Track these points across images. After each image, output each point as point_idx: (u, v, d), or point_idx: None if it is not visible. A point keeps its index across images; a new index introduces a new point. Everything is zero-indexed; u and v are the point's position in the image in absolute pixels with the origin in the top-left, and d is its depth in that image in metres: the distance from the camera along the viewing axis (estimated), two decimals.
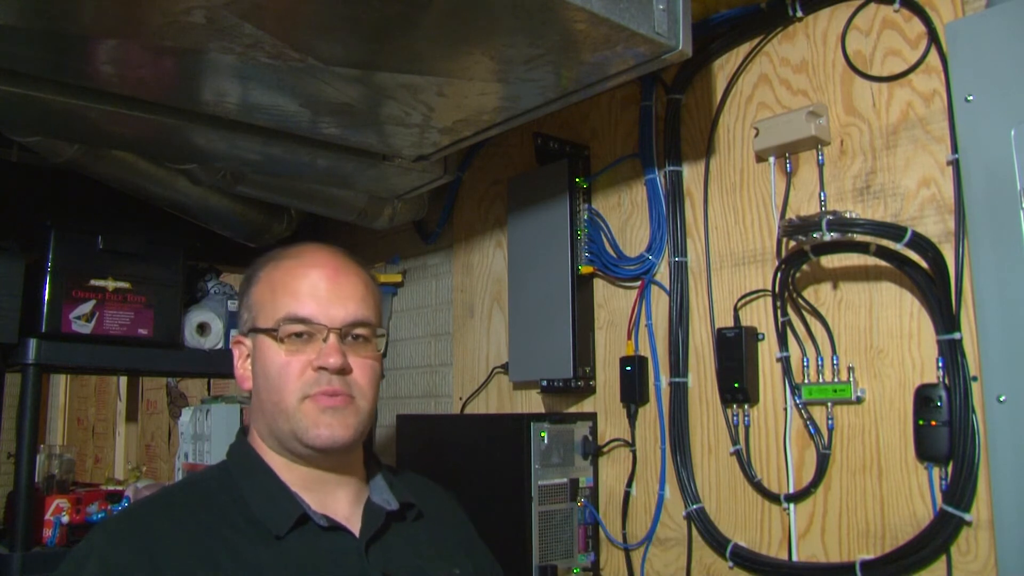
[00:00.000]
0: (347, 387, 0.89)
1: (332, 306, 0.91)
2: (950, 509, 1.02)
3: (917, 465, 1.08)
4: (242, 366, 0.95)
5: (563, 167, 1.52)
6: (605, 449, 1.48)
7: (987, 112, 0.96)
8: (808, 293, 1.22)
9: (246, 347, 0.94)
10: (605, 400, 1.50)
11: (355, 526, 0.90)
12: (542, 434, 1.43)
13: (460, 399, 1.82)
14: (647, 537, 1.39)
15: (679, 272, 1.38)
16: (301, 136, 1.38)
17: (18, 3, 0.91)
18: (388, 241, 2.12)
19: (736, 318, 1.31)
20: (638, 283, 1.45)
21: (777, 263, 1.25)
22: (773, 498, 1.23)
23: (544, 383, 1.48)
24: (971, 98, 0.98)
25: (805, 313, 1.22)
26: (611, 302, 1.51)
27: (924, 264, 1.06)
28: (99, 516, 1.52)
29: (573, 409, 1.54)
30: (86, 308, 1.50)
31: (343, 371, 0.89)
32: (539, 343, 1.53)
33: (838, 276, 1.19)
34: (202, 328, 1.68)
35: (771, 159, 1.27)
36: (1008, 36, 0.96)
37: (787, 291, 1.23)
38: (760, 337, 1.28)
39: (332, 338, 0.89)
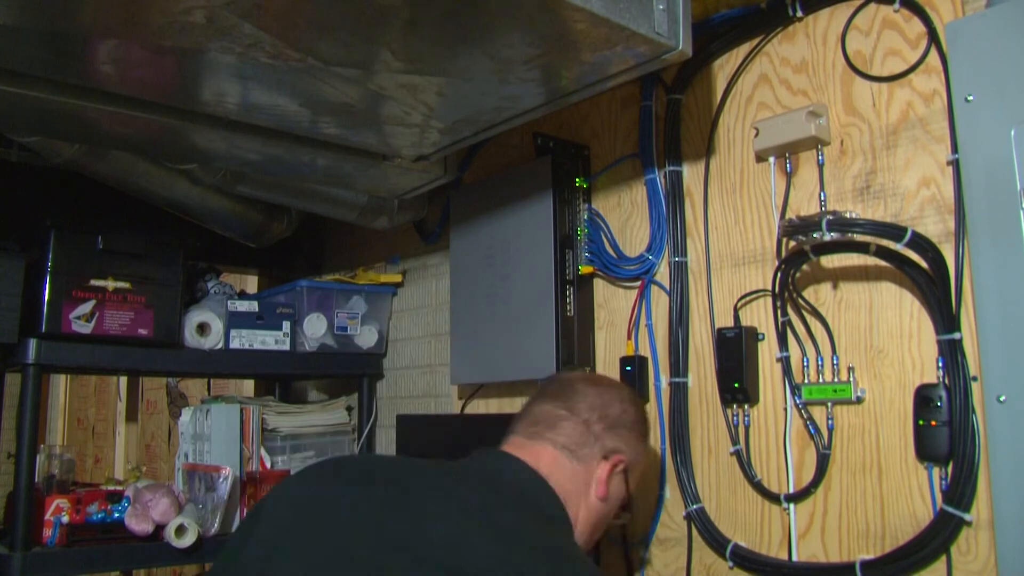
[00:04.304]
0: None
1: None
2: (950, 509, 1.02)
3: (917, 465, 1.08)
4: (613, 484, 1.08)
5: (546, 163, 1.51)
6: None
7: (987, 112, 0.96)
8: (808, 293, 1.22)
9: (620, 465, 1.09)
10: None
11: None
12: None
13: (460, 399, 1.82)
14: (647, 537, 1.39)
15: (679, 272, 1.38)
16: (301, 136, 1.38)
17: (18, 3, 0.91)
18: (388, 241, 2.12)
19: (736, 318, 1.31)
20: (638, 283, 1.45)
21: (777, 263, 1.25)
22: (773, 498, 1.23)
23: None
24: (971, 98, 0.98)
25: (805, 313, 1.22)
26: (611, 302, 1.51)
27: (924, 264, 1.06)
28: (99, 516, 1.52)
29: None
30: (86, 308, 1.50)
31: None
32: (521, 342, 1.52)
33: (838, 276, 1.19)
34: (202, 328, 1.68)
35: (771, 159, 1.27)
36: (1008, 36, 0.96)
37: (787, 291, 1.23)
38: (760, 337, 1.28)
39: None
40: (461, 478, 0.98)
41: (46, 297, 1.46)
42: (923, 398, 1.05)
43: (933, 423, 1.04)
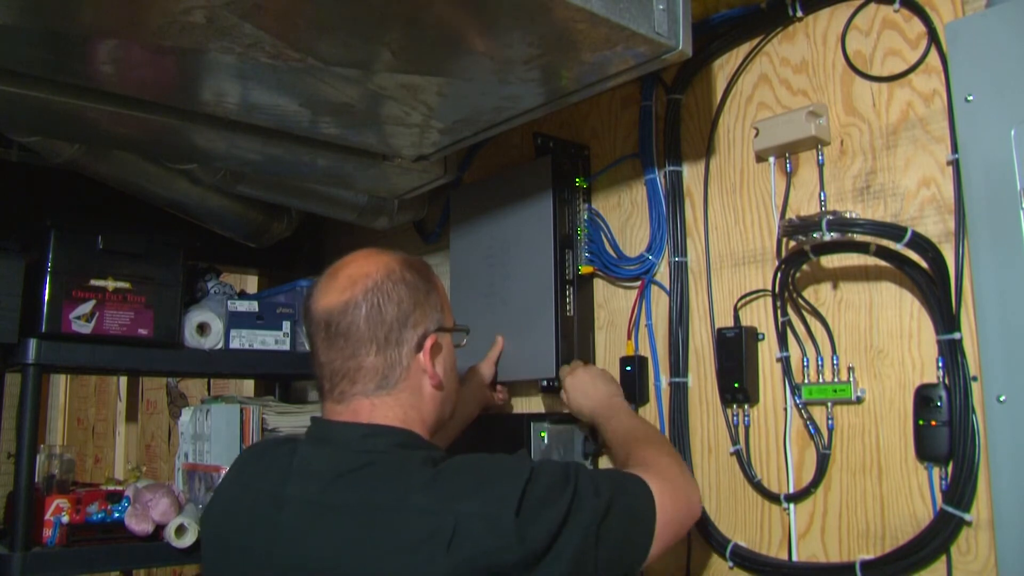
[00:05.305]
0: None
1: None
2: (950, 509, 1.02)
3: (917, 465, 1.08)
4: (439, 364, 1.05)
5: (546, 163, 1.51)
6: (605, 449, 1.48)
7: (987, 112, 0.96)
8: (808, 293, 1.22)
9: (431, 341, 1.03)
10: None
11: None
12: (542, 434, 1.43)
13: None
14: None
15: (679, 272, 1.38)
16: (301, 136, 1.38)
17: (18, 3, 0.91)
18: (388, 241, 2.12)
19: (736, 318, 1.31)
20: (638, 283, 1.45)
21: (777, 263, 1.25)
22: (773, 498, 1.23)
23: (544, 383, 1.48)
24: (971, 98, 0.98)
25: (805, 313, 1.22)
26: (611, 302, 1.51)
27: (924, 264, 1.06)
28: (99, 516, 1.52)
29: None
30: (86, 308, 1.50)
31: None
32: (524, 341, 1.52)
33: (838, 276, 1.19)
34: (202, 328, 1.68)
35: (771, 159, 1.27)
36: (1008, 36, 0.96)
37: (787, 291, 1.23)
38: (760, 337, 1.28)
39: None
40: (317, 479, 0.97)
41: (46, 297, 1.46)
42: (923, 398, 1.05)
43: (933, 423, 1.04)
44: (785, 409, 1.22)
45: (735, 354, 1.26)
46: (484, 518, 0.85)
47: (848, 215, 1.12)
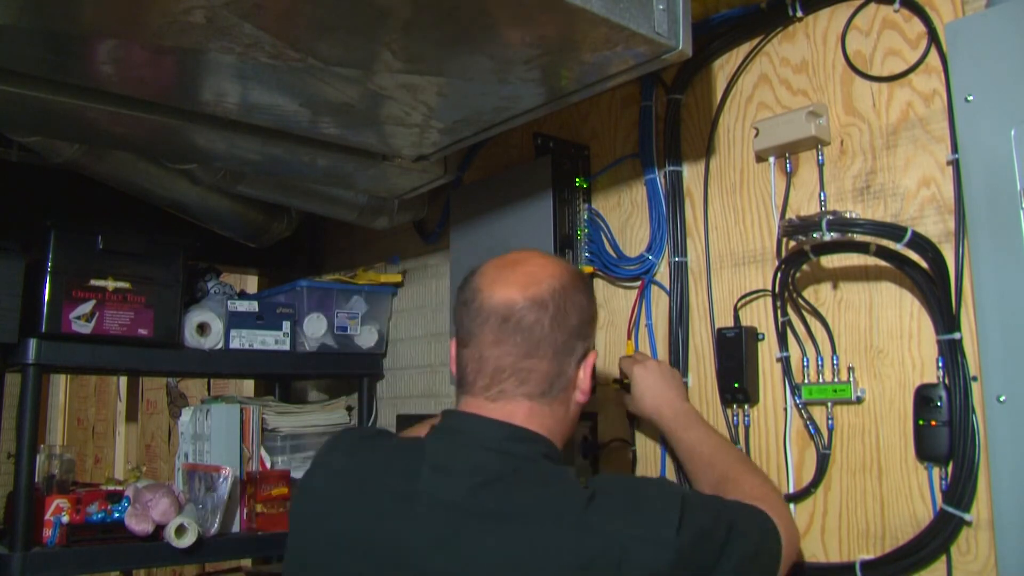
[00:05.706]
0: None
1: None
2: (950, 509, 1.02)
3: (917, 465, 1.08)
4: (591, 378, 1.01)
5: (546, 163, 1.51)
6: (605, 449, 1.48)
7: (987, 112, 0.96)
8: (808, 293, 1.22)
9: (594, 359, 1.01)
10: (605, 400, 1.50)
11: None
12: None
13: None
14: None
15: (679, 272, 1.38)
16: (301, 136, 1.38)
17: (18, 3, 0.91)
18: (388, 241, 2.12)
19: (736, 318, 1.31)
20: (638, 283, 1.45)
21: (777, 263, 1.25)
22: None
23: None
24: (971, 98, 0.98)
25: (805, 313, 1.22)
26: (611, 302, 1.51)
27: (924, 264, 1.06)
28: (99, 516, 1.52)
29: None
30: (86, 308, 1.50)
31: None
32: None
33: (838, 276, 1.19)
34: (202, 328, 1.68)
35: (771, 159, 1.27)
36: (1008, 36, 0.96)
37: (787, 291, 1.23)
38: (760, 337, 1.28)
39: None
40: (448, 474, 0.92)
41: (46, 297, 1.46)
42: (923, 398, 1.05)
43: (933, 423, 1.04)
44: (785, 409, 1.22)
45: (735, 354, 1.26)
46: (649, 541, 0.82)
47: (848, 215, 1.12)
